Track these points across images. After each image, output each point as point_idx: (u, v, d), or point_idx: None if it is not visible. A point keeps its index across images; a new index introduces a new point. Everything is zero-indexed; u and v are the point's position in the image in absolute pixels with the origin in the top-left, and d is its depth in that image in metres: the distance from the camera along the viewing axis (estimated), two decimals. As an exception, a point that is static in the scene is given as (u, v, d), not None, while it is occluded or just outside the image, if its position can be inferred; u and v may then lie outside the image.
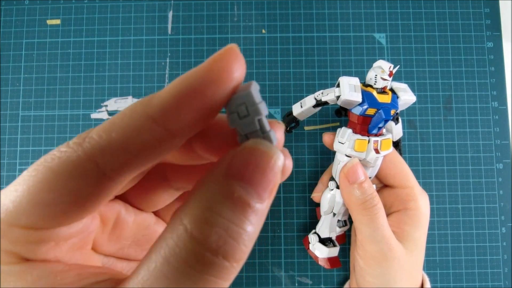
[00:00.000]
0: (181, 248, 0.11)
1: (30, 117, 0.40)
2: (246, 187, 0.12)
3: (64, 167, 0.13)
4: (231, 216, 0.12)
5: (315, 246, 0.35)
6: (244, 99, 0.13)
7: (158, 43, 0.41)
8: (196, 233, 0.11)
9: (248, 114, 0.13)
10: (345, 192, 0.31)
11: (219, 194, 0.12)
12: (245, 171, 0.12)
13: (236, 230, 0.12)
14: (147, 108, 0.13)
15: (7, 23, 0.41)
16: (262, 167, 0.12)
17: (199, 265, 0.11)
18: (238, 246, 0.12)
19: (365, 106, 0.29)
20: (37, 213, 0.13)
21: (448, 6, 0.42)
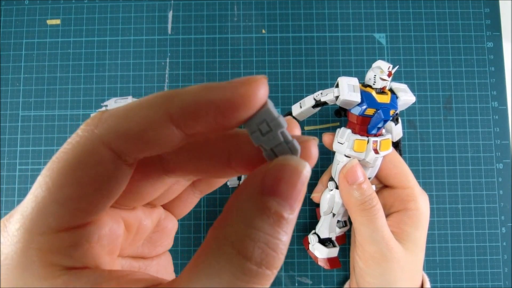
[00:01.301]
0: (229, 263, 0.12)
1: (30, 117, 0.40)
2: (279, 201, 0.13)
3: (80, 158, 0.13)
4: (270, 230, 0.13)
5: (315, 246, 0.35)
6: (264, 116, 0.14)
7: (158, 43, 0.41)
8: (242, 250, 0.12)
9: (271, 130, 0.14)
10: (344, 193, 0.31)
11: (257, 210, 0.13)
12: (278, 187, 0.13)
13: (275, 242, 0.13)
14: (167, 104, 0.13)
15: (7, 23, 0.41)
16: (293, 181, 0.13)
17: (246, 277, 0.12)
18: (277, 256, 0.13)
19: (364, 106, 0.29)
20: (65, 210, 0.13)
21: (448, 6, 0.42)
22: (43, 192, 0.13)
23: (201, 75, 0.41)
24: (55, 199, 0.13)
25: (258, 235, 0.12)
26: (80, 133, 0.14)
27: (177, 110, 0.13)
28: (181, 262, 0.38)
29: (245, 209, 0.13)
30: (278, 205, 0.13)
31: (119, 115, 0.14)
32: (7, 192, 0.39)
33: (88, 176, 0.13)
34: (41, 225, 0.13)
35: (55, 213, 0.13)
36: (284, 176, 0.13)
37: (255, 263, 0.12)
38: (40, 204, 0.13)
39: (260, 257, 0.12)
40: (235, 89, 0.13)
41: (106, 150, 0.13)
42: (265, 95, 0.13)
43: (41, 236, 0.13)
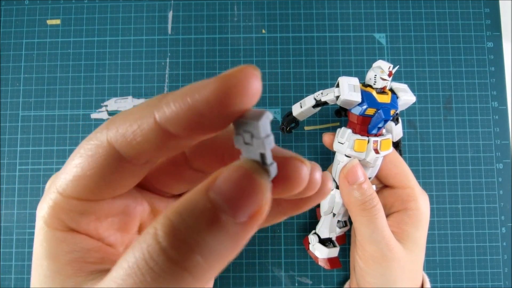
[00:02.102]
0: (147, 252, 0.11)
1: (30, 117, 0.40)
2: (223, 204, 0.11)
3: (97, 150, 0.15)
4: (199, 227, 0.11)
5: (315, 246, 0.35)
6: (251, 129, 0.12)
7: (158, 43, 0.41)
8: (161, 236, 0.11)
9: (252, 145, 0.12)
10: (344, 193, 0.31)
11: (196, 204, 0.12)
12: (226, 186, 0.12)
13: (199, 241, 0.11)
14: (155, 106, 0.13)
15: (7, 23, 0.41)
16: (242, 185, 0.12)
17: (156, 267, 0.11)
18: (192, 255, 0.11)
19: (364, 106, 0.29)
20: (79, 184, 0.15)
21: (448, 6, 0.42)
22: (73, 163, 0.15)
23: (201, 75, 0.41)
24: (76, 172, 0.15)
25: (179, 226, 0.11)
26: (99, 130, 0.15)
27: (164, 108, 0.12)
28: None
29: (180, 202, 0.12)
30: (220, 207, 0.11)
31: (121, 116, 0.14)
32: (7, 192, 0.39)
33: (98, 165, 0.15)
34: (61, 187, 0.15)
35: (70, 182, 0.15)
36: (232, 176, 0.12)
37: (167, 255, 0.11)
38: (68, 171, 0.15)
39: (172, 248, 0.11)
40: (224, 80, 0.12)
41: (111, 150, 0.14)
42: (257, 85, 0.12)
43: (60, 195, 0.15)
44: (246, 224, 0.12)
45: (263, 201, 0.12)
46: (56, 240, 0.15)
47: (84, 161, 0.15)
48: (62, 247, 0.15)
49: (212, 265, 0.12)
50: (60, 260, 0.15)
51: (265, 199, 0.12)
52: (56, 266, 0.15)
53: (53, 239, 0.15)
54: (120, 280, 0.12)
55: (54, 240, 0.15)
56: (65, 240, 0.15)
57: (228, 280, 0.38)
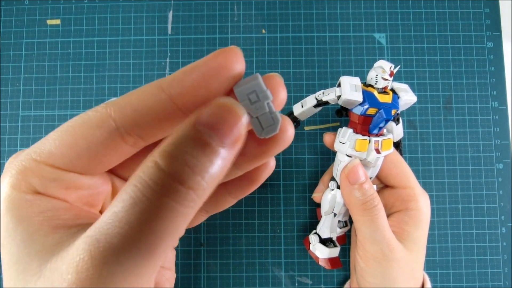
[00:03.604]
0: (149, 176, 0.13)
1: (30, 117, 0.40)
2: (210, 132, 0.14)
3: (88, 119, 0.16)
4: (194, 152, 0.13)
5: (316, 246, 0.35)
6: (254, 87, 0.16)
7: (158, 43, 0.41)
8: (162, 164, 0.13)
9: (259, 100, 0.16)
10: (345, 193, 0.31)
11: (187, 135, 0.14)
12: (211, 119, 0.14)
13: (196, 163, 0.13)
14: (160, 81, 0.16)
15: (7, 23, 0.41)
16: (226, 118, 0.14)
17: (161, 189, 0.13)
18: (195, 176, 0.13)
19: (366, 106, 0.29)
20: (56, 151, 0.16)
21: (448, 6, 0.42)
22: (53, 133, 0.16)
23: (201, 75, 0.41)
24: (55, 139, 0.16)
25: (181, 155, 0.13)
26: (98, 108, 0.16)
27: (169, 83, 0.15)
28: (181, 262, 0.38)
29: (176, 134, 0.14)
30: (208, 134, 0.14)
31: (125, 95, 0.16)
32: (7, 192, 0.39)
33: (86, 134, 0.16)
34: (36, 153, 0.16)
35: (49, 150, 0.16)
36: (217, 111, 0.14)
37: (172, 177, 0.13)
38: (44, 140, 0.16)
39: (177, 172, 0.13)
40: (212, 54, 0.15)
41: (109, 119, 0.16)
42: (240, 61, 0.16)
43: (32, 161, 0.16)
44: (231, 148, 0.14)
45: (241, 127, 0.15)
46: (26, 203, 0.15)
47: (77, 130, 0.16)
48: (32, 209, 0.15)
49: (210, 184, 0.14)
50: (34, 221, 0.15)
51: (243, 126, 0.15)
52: (31, 228, 0.15)
53: (22, 202, 0.15)
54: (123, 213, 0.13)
55: (23, 202, 0.15)
56: (34, 201, 0.16)
57: (228, 280, 0.38)
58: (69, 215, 0.16)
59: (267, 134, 0.17)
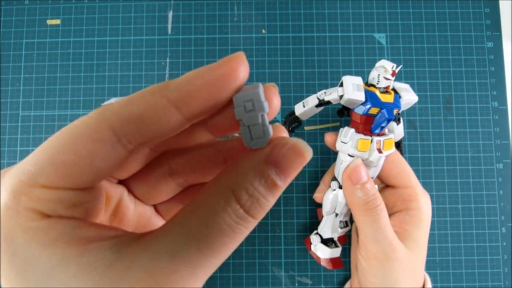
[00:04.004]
0: (226, 204, 0.15)
1: (30, 117, 0.40)
2: (278, 172, 0.16)
3: (84, 133, 0.15)
4: (263, 192, 0.16)
5: (317, 246, 0.35)
6: (252, 96, 0.16)
7: (158, 43, 0.41)
8: (239, 197, 0.15)
9: (254, 109, 0.16)
10: (347, 193, 0.31)
11: (258, 174, 0.15)
12: (281, 162, 0.16)
13: (263, 201, 0.16)
14: (164, 89, 0.15)
15: (7, 23, 0.41)
16: (296, 162, 0.16)
17: (237, 218, 0.15)
18: (261, 209, 0.16)
19: (368, 106, 0.29)
20: (57, 173, 0.15)
21: (448, 6, 0.42)
22: (42, 152, 0.15)
23: (201, 75, 0.41)
24: (52, 161, 0.15)
25: (253, 192, 0.15)
26: (91, 114, 0.16)
27: (173, 91, 0.15)
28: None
29: (249, 170, 0.16)
30: (276, 175, 0.16)
31: (123, 102, 0.16)
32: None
33: (85, 150, 0.15)
34: (34, 179, 0.15)
35: (47, 173, 0.15)
36: (289, 155, 0.16)
37: (245, 210, 0.15)
38: (37, 162, 0.15)
39: (249, 207, 0.15)
40: (218, 63, 0.15)
41: (109, 131, 0.15)
42: (245, 68, 0.16)
43: (29, 187, 0.15)
44: (289, 182, 0.16)
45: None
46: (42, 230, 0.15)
47: (77, 145, 0.15)
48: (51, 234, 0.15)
49: (266, 211, 0.16)
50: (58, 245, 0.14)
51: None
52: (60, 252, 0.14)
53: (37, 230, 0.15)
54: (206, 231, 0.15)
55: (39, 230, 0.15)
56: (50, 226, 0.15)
57: (228, 280, 0.38)
58: (93, 232, 0.16)
59: (254, 145, 0.16)
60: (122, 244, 0.15)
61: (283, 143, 0.16)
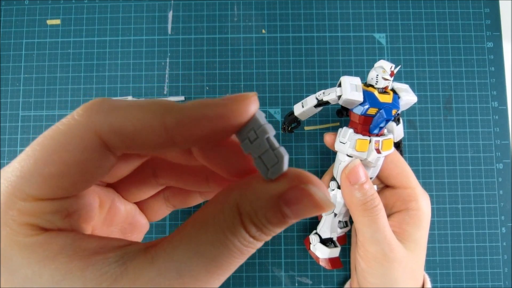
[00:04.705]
0: (233, 226, 0.14)
1: (30, 117, 0.40)
2: (290, 212, 0.15)
3: (71, 140, 0.14)
4: (273, 226, 0.15)
5: (316, 246, 0.35)
6: (251, 125, 0.15)
7: (158, 43, 0.41)
8: (246, 226, 0.15)
9: (257, 137, 0.15)
10: (346, 193, 0.31)
11: (270, 207, 0.15)
12: (296, 206, 0.15)
13: (270, 232, 0.15)
14: (165, 114, 0.14)
15: (7, 23, 0.41)
16: (312, 211, 0.15)
17: (245, 241, 0.15)
18: (267, 238, 0.15)
19: (366, 106, 0.29)
20: (46, 185, 0.14)
21: (448, 6, 0.42)
22: (30, 163, 0.14)
23: (201, 75, 0.41)
24: (40, 173, 0.14)
25: (262, 226, 0.15)
26: (77, 117, 0.15)
27: (172, 120, 0.14)
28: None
29: (260, 199, 0.15)
30: (289, 212, 0.15)
31: (118, 111, 0.14)
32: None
33: (74, 159, 0.14)
34: (23, 192, 0.14)
35: (38, 185, 0.14)
36: (305, 203, 0.15)
37: (251, 236, 0.15)
38: (26, 174, 0.14)
39: (255, 234, 0.15)
40: (228, 106, 0.14)
41: (97, 139, 0.14)
42: (255, 110, 0.15)
43: (22, 201, 0.14)
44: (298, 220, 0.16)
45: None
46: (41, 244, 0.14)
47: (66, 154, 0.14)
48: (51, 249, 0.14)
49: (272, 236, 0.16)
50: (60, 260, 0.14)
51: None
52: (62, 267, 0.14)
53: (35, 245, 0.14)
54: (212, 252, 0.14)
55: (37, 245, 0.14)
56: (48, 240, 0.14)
57: (228, 280, 0.38)
58: (95, 243, 0.15)
59: (273, 175, 0.15)
60: (127, 256, 0.14)
61: (302, 188, 0.15)
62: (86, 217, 0.17)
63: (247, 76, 0.41)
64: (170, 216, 0.39)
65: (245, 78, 0.41)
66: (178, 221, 0.39)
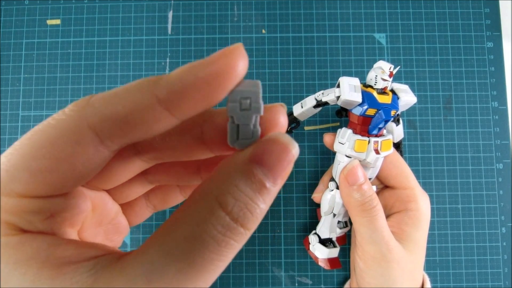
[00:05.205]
0: (209, 214, 0.13)
1: (30, 117, 0.40)
2: (265, 171, 0.14)
3: (61, 134, 0.13)
4: (250, 194, 0.14)
5: (315, 246, 0.35)
6: (251, 95, 0.15)
7: (158, 43, 0.41)
8: (224, 204, 0.13)
9: (249, 109, 0.15)
10: (344, 194, 0.31)
11: (243, 174, 0.14)
12: (266, 158, 0.14)
13: (253, 205, 0.14)
14: (154, 87, 0.14)
15: (7, 23, 0.41)
16: (281, 157, 0.14)
17: (223, 228, 0.13)
18: (252, 217, 0.14)
19: (365, 107, 0.29)
20: (33, 180, 0.13)
21: (448, 6, 0.42)
22: (17, 158, 0.13)
23: (201, 75, 0.41)
24: (27, 167, 0.13)
25: (240, 195, 0.14)
26: (67, 112, 0.14)
27: (164, 90, 0.13)
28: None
29: (232, 172, 0.14)
30: (263, 174, 0.14)
31: (106, 99, 0.14)
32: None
33: (65, 154, 0.13)
34: (7, 187, 0.13)
35: (24, 181, 0.13)
36: (274, 150, 0.14)
37: (233, 218, 0.13)
38: (12, 168, 0.13)
39: (237, 214, 0.14)
40: (215, 64, 0.13)
41: (90, 132, 0.14)
42: (244, 64, 0.14)
43: (4, 197, 0.13)
44: (281, 184, 0.15)
45: (292, 164, 0.15)
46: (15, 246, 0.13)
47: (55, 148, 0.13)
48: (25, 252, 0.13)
49: (259, 221, 0.15)
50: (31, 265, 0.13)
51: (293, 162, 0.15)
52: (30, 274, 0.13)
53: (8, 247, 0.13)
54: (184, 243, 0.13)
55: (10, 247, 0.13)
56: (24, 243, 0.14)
57: (228, 280, 0.38)
58: (71, 251, 0.14)
59: (239, 146, 0.15)
60: (100, 266, 0.14)
61: (266, 139, 0.14)
62: (71, 220, 0.16)
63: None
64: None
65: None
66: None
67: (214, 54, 0.14)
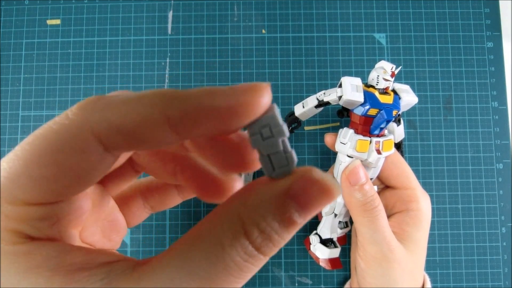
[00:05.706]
0: (234, 238, 0.13)
1: (30, 117, 0.40)
2: (298, 209, 0.13)
3: (65, 141, 0.13)
4: (278, 229, 0.13)
5: (316, 247, 0.35)
6: (269, 121, 0.14)
7: (158, 43, 0.41)
8: (249, 234, 0.13)
9: (272, 136, 0.14)
10: (346, 194, 0.31)
11: (276, 208, 0.13)
12: (305, 198, 0.13)
13: (277, 239, 0.13)
14: (167, 106, 0.13)
15: (7, 23, 0.41)
16: (322, 200, 0.13)
17: (245, 255, 0.13)
18: (274, 248, 0.14)
19: (367, 107, 0.29)
20: (37, 188, 0.13)
21: (448, 6, 0.42)
22: (19, 165, 0.13)
23: (201, 75, 0.41)
24: (30, 175, 0.13)
25: (266, 229, 0.13)
26: (71, 116, 0.13)
27: (176, 113, 0.13)
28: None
29: (264, 201, 0.13)
30: (296, 212, 0.13)
31: (115, 107, 0.13)
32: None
33: (69, 161, 0.13)
34: (11, 195, 0.13)
35: (28, 188, 0.13)
36: (315, 190, 0.13)
37: (255, 247, 0.13)
38: (14, 176, 0.13)
39: (260, 243, 0.13)
40: (238, 96, 0.13)
41: (94, 140, 0.13)
42: (268, 103, 0.13)
43: (9, 205, 0.13)
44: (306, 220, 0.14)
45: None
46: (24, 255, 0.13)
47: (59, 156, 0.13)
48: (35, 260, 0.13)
49: (279, 248, 0.14)
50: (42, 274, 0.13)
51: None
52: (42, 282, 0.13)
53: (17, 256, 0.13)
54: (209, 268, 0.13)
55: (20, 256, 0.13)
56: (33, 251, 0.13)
57: (228, 280, 0.38)
58: (82, 257, 0.14)
59: (278, 175, 0.14)
60: (114, 274, 0.13)
61: (308, 176, 0.14)
62: (76, 222, 0.16)
63: (247, 76, 0.41)
64: (170, 216, 0.39)
65: (245, 78, 0.41)
66: (178, 221, 0.39)
67: (239, 86, 0.13)
